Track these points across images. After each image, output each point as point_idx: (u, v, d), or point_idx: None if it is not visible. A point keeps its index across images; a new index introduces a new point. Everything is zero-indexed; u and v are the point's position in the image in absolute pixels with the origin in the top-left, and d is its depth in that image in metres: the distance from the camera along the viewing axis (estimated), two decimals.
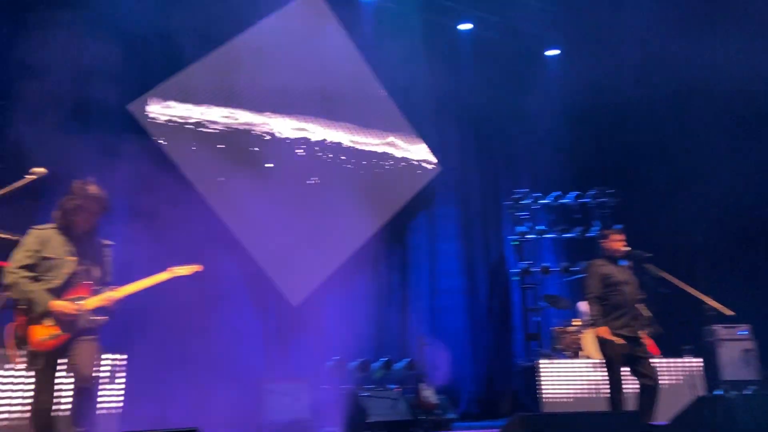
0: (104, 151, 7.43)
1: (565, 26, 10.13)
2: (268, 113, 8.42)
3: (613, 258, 5.32)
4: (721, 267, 8.10)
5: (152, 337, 7.08)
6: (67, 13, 7.20)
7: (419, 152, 9.49)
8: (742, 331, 7.61)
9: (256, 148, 8.27)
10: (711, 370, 7.33)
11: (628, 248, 5.32)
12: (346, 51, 9.13)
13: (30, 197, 6.51)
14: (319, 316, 8.46)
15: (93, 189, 3.55)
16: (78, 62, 7.25)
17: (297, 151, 8.56)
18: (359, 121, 9.08)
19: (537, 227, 9.39)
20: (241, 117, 8.23)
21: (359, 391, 6.68)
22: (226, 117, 8.13)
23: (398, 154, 9.31)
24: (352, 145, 8.98)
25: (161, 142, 7.64)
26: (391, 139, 9.28)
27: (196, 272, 3.84)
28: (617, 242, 5.31)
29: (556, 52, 10.39)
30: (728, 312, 5.60)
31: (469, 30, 9.89)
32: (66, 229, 3.51)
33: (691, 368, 7.30)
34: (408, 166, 9.35)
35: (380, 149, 9.17)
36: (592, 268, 5.32)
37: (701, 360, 7.36)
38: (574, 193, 9.38)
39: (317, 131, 8.74)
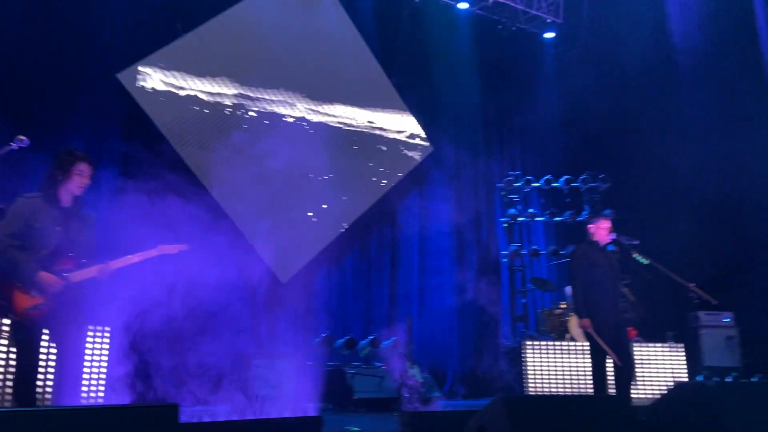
0: (91, 121, 7.37)
1: (565, 10, 10.05)
2: (259, 88, 8.33)
3: (599, 244, 5.35)
4: (705, 254, 8.14)
5: (135, 310, 7.10)
6: None
7: (411, 131, 9.44)
8: (726, 318, 7.71)
9: (245, 125, 8.20)
10: (693, 356, 7.42)
11: (615, 235, 5.35)
12: (342, 26, 9.03)
13: (13, 167, 6.48)
14: (308, 293, 8.49)
15: (78, 159, 3.50)
16: (67, 30, 7.14)
17: (286, 128, 8.49)
18: (351, 98, 9.00)
19: (528, 210, 9.42)
20: (231, 90, 8.14)
21: (346, 368, 6.73)
22: (215, 89, 8.04)
23: (390, 132, 9.26)
24: (342, 122, 8.92)
25: (150, 112, 7.55)
26: (382, 116, 9.22)
27: (182, 250, 3.82)
28: (604, 229, 5.34)
29: (552, 35, 10.31)
30: (712, 300, 5.66)
31: (467, 9, 9.78)
32: (53, 199, 3.46)
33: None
34: (399, 144, 9.31)
35: (371, 127, 9.12)
36: (577, 253, 5.37)
37: (683, 345, 7.45)
38: (565, 177, 9.39)
39: (308, 108, 8.66)
